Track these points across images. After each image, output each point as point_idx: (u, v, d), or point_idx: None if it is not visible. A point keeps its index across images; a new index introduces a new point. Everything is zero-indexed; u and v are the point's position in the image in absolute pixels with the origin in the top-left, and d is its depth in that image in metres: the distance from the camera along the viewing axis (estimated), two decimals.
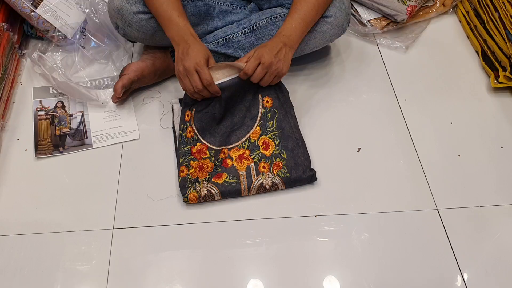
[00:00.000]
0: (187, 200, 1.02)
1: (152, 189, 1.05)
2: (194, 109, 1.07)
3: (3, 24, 1.21)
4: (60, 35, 1.27)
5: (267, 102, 1.11)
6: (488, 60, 1.31)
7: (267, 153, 1.07)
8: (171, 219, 1.01)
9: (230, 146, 1.08)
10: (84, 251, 0.96)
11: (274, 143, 1.07)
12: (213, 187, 1.03)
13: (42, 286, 0.92)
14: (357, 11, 1.40)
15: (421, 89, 1.28)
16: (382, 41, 1.38)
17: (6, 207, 1.03)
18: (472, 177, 1.10)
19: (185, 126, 1.07)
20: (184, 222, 1.01)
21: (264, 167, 1.05)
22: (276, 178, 1.04)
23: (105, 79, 1.26)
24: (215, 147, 1.06)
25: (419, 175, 1.10)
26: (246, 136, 1.09)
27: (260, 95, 1.11)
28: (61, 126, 1.16)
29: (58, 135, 1.14)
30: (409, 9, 1.35)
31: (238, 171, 1.05)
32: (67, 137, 1.14)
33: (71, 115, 1.18)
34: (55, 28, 1.25)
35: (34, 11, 1.23)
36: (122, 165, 1.09)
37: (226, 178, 1.04)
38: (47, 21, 1.24)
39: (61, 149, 1.12)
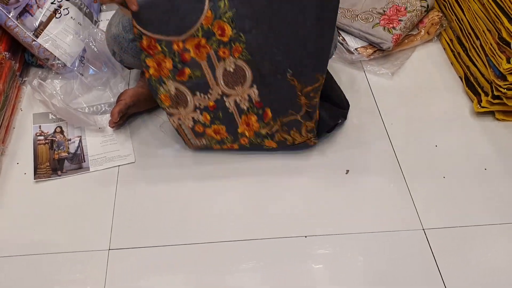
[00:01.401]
0: (161, 102, 1.03)
1: (147, 210, 1.09)
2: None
3: (5, 53, 1.26)
4: (59, 63, 1.31)
5: None
6: (471, 86, 1.36)
7: (224, 39, 0.96)
8: (165, 240, 1.04)
9: (182, 37, 0.95)
10: (80, 272, 0.99)
11: (230, 26, 0.94)
12: (180, 86, 1.01)
13: None
14: (344, 39, 1.45)
15: (407, 113, 1.32)
16: (368, 68, 1.43)
17: (5, 229, 1.06)
18: (457, 198, 1.14)
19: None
20: (178, 243, 1.04)
21: (224, 52, 0.97)
22: (238, 61, 0.98)
23: (102, 105, 1.30)
24: (162, 37, 0.95)
25: (405, 196, 1.13)
26: (198, 24, 0.94)
27: None
28: (59, 151, 1.20)
29: (56, 159, 1.18)
30: (394, 37, 1.41)
31: (198, 62, 0.98)
32: (65, 161, 1.18)
33: (69, 139, 1.22)
34: (55, 56, 1.30)
35: (35, 41, 1.28)
36: (118, 188, 1.13)
37: (189, 73, 0.99)
38: (47, 50, 1.29)
39: (59, 172, 1.16)
